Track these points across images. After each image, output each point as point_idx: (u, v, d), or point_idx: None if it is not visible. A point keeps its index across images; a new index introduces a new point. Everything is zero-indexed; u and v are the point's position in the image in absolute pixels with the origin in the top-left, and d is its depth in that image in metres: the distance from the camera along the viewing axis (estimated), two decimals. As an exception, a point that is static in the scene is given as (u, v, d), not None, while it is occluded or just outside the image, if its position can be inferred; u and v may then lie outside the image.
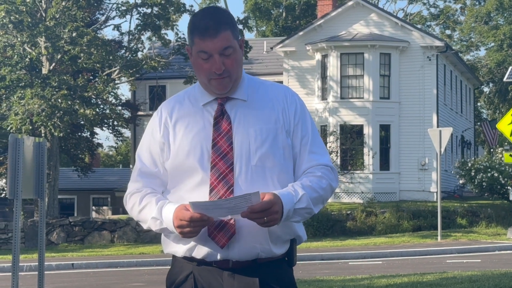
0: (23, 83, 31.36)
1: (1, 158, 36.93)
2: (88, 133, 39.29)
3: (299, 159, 3.28)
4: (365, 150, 33.17)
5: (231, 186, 3.12)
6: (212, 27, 3.13)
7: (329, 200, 32.15)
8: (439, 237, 24.38)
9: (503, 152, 30.68)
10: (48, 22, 30.33)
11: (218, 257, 3.14)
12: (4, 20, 30.55)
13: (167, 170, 3.26)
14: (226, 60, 3.16)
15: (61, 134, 30.48)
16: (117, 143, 56.41)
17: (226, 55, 3.15)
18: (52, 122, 29.54)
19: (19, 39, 31.02)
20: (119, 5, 34.22)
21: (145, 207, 3.22)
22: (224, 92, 3.23)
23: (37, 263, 10.54)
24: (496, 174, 29.42)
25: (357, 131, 33.56)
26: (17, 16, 30.29)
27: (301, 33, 35.92)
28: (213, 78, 3.18)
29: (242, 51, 3.27)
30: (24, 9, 30.54)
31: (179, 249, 3.21)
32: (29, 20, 30.49)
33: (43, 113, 29.30)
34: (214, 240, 3.11)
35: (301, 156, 3.28)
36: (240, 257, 3.14)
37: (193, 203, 3.01)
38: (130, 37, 34.77)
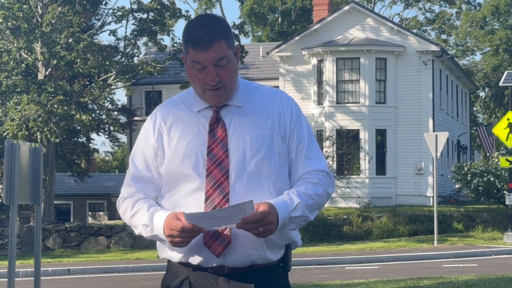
0: (19, 89, 31.33)
1: (-3, 164, 36.84)
2: (84, 138, 39.24)
3: (295, 164, 3.26)
4: (361, 154, 33.17)
5: (227, 194, 3.10)
6: (206, 38, 3.09)
7: (326, 205, 32.11)
8: (435, 242, 24.37)
9: (499, 156, 30.74)
10: (44, 28, 30.32)
11: (214, 264, 3.13)
12: (1, 26, 30.54)
13: (162, 175, 3.23)
14: (220, 71, 3.13)
15: (58, 140, 30.44)
16: (113, 148, 56.36)
17: (220, 65, 3.12)
18: (48, 128, 29.51)
19: (15, 45, 30.99)
20: (115, 11, 34.21)
21: (137, 213, 3.20)
22: (218, 103, 3.20)
23: (33, 269, 10.52)
24: (492, 179, 29.44)
25: (353, 135, 33.57)
26: (14, 22, 30.27)
27: (297, 38, 35.95)
28: (208, 89, 3.15)
29: (238, 58, 3.24)
30: (20, 15, 30.53)
31: (175, 255, 3.19)
32: (26, 26, 30.48)
33: (39, 118, 29.27)
34: (210, 249, 3.09)
35: (297, 162, 3.25)
36: (236, 264, 3.13)
37: (187, 215, 2.98)
38: (126, 42, 34.76)
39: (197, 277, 3.18)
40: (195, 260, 3.14)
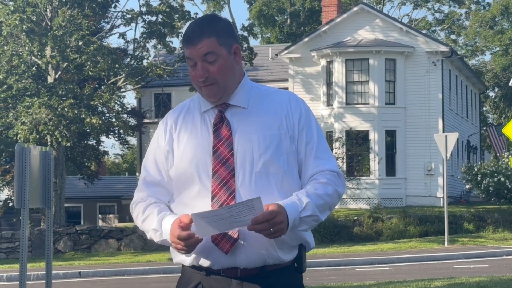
0: (29, 92, 31.41)
1: (7, 167, 37.00)
2: (94, 141, 39.33)
3: (305, 165, 3.26)
4: (371, 155, 33.13)
5: (233, 191, 3.12)
6: (195, 34, 3.18)
7: (336, 206, 32.15)
8: (446, 243, 24.33)
9: (510, 156, 30.65)
10: (56, 31, 30.41)
11: (226, 265, 3.13)
12: (15, 30, 30.61)
13: (171, 177, 3.27)
14: (210, 67, 3.17)
15: (69, 143, 30.49)
16: (123, 151, 56.43)
17: (209, 61, 3.17)
18: (59, 131, 29.57)
19: (27, 48, 31.08)
20: (124, 13, 34.32)
21: (148, 218, 3.24)
22: (214, 100, 3.24)
23: (44, 272, 10.56)
24: (502, 179, 29.36)
25: (363, 136, 33.54)
26: (29, 25, 30.38)
27: (306, 39, 35.94)
28: (201, 85, 3.21)
29: (239, 58, 3.26)
30: (34, 18, 30.66)
31: (187, 258, 3.21)
32: (37, 29, 30.59)
33: (50, 122, 29.32)
34: (218, 246, 3.11)
35: (306, 162, 3.26)
36: (248, 264, 3.13)
37: (194, 215, 3.00)
38: (136, 45, 34.86)
39: (210, 281, 3.19)
40: (206, 261, 3.16)
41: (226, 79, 3.21)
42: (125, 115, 37.08)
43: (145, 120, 39.92)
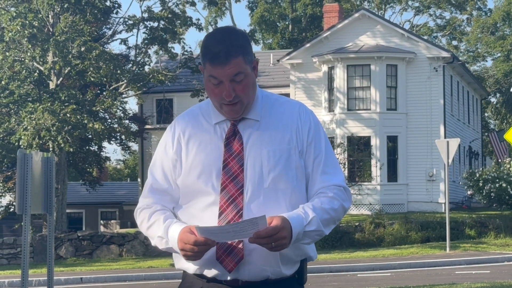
0: (31, 98, 31.45)
1: (9, 173, 37.01)
2: (96, 147, 39.35)
3: (312, 179, 3.23)
4: (373, 161, 33.13)
5: (240, 210, 3.10)
6: (223, 54, 3.08)
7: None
8: (447, 248, 24.31)
9: (511, 162, 30.65)
10: (58, 37, 30.47)
11: (228, 278, 3.13)
12: (17, 35, 30.65)
13: (179, 186, 3.25)
14: (236, 86, 3.12)
15: (71, 149, 30.51)
16: (125, 156, 56.45)
17: (236, 81, 3.11)
18: (62, 137, 29.58)
19: (29, 54, 31.13)
20: (126, 19, 34.38)
21: (153, 225, 3.21)
22: (235, 117, 3.20)
23: (46, 278, 10.56)
24: (504, 185, 29.35)
25: (365, 142, 33.54)
26: (31, 31, 30.44)
27: (307, 45, 35.96)
28: (224, 103, 3.15)
29: (256, 71, 3.22)
30: (36, 24, 30.73)
31: (190, 266, 3.20)
32: (39, 35, 30.64)
33: (54, 127, 29.33)
34: (222, 264, 3.09)
35: (313, 176, 3.23)
36: (250, 278, 3.12)
37: (199, 228, 2.99)
38: (137, 51, 34.89)
39: (211, 288, 3.19)
40: (210, 273, 3.16)
41: (249, 97, 3.19)
42: (127, 121, 37.10)
43: (147, 126, 39.96)
